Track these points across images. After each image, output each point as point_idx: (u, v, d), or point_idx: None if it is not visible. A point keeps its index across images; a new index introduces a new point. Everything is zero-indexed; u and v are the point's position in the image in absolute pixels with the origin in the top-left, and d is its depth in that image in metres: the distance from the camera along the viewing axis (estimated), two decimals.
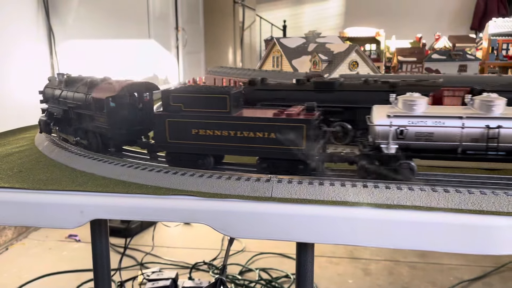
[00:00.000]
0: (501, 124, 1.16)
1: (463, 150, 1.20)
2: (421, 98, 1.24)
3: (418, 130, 1.21)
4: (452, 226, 1.10)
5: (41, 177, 1.41)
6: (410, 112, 1.23)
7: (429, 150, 1.23)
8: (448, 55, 2.51)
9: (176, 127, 1.38)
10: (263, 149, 1.32)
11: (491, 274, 3.61)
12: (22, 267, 3.79)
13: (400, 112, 1.24)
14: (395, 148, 1.23)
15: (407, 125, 1.21)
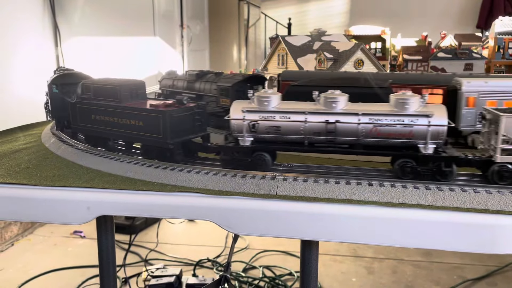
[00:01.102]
0: (339, 119, 1.27)
1: (309, 142, 1.32)
2: (275, 94, 1.36)
3: (268, 124, 1.33)
4: (457, 225, 1.10)
5: (48, 174, 1.42)
6: (262, 108, 1.34)
7: (279, 142, 1.35)
8: (454, 53, 2.50)
9: (83, 112, 1.63)
10: (139, 136, 1.49)
11: (495, 273, 3.60)
12: (28, 262, 3.81)
13: (253, 108, 1.35)
14: (250, 141, 1.35)
15: (258, 119, 1.33)
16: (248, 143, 1.35)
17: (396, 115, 1.25)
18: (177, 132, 1.43)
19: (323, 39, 2.42)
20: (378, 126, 1.25)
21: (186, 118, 1.46)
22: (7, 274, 3.64)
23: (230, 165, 1.37)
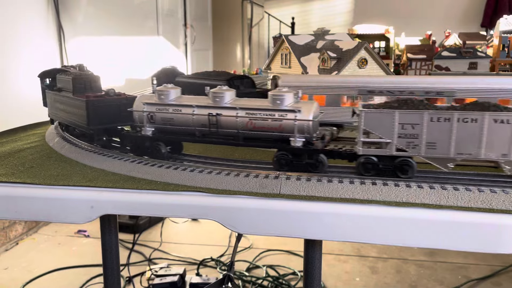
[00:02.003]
0: (221, 113, 1.38)
1: (198, 133, 1.44)
2: (173, 89, 1.48)
3: (163, 115, 1.46)
4: (461, 224, 1.10)
5: (52, 173, 1.42)
6: (160, 101, 1.46)
7: (174, 132, 1.47)
8: (458, 52, 2.48)
9: (53, 101, 1.85)
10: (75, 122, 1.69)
11: (500, 273, 3.58)
12: (32, 261, 3.83)
13: (152, 101, 1.47)
14: (150, 131, 1.48)
15: (155, 111, 1.46)
16: (149, 133, 1.48)
17: (268, 110, 1.34)
18: (98, 119, 1.60)
19: (326, 38, 2.41)
20: (253, 119, 1.36)
21: (109, 107, 1.62)
22: (11, 273, 3.66)
23: (135, 152, 1.51)
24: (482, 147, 1.17)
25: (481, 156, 1.18)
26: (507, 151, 1.16)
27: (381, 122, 1.23)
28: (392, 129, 1.22)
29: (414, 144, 1.21)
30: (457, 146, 1.19)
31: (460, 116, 1.17)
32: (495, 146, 1.17)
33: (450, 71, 2.48)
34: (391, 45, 3.01)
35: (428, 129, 1.20)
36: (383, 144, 1.24)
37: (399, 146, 1.23)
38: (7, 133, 2.07)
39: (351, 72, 2.09)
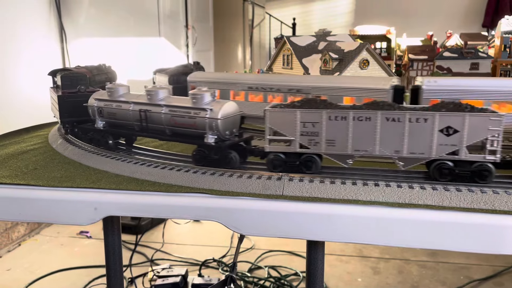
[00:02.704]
0: (150, 109, 1.50)
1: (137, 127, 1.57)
2: (122, 86, 1.63)
3: (108, 110, 1.61)
4: (464, 225, 1.10)
5: (55, 175, 1.43)
6: (108, 97, 1.62)
7: (118, 126, 1.62)
8: (460, 53, 2.48)
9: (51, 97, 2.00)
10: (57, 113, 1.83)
11: (502, 273, 3.58)
12: (34, 262, 3.84)
13: (103, 97, 1.64)
14: (102, 124, 1.66)
15: (103, 106, 1.62)
16: (100, 126, 1.65)
17: (186, 108, 1.44)
18: (68, 112, 1.77)
19: (328, 39, 2.42)
20: (174, 116, 1.47)
21: (79, 102, 1.74)
22: (14, 274, 3.67)
23: (90, 143, 1.69)
24: (376, 144, 1.23)
25: (376, 153, 1.24)
26: (400, 148, 1.21)
27: (285, 121, 1.30)
28: (294, 127, 1.29)
29: (315, 142, 1.28)
30: (354, 143, 1.25)
31: (355, 115, 1.23)
32: (388, 143, 1.23)
33: (452, 71, 2.48)
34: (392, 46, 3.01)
35: (327, 127, 1.26)
36: (291, 142, 1.31)
37: (302, 143, 1.29)
38: (10, 135, 2.08)
39: (353, 73, 2.10)
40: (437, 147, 1.19)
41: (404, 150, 1.22)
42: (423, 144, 1.20)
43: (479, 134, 1.16)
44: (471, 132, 1.16)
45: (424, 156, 1.21)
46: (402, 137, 1.21)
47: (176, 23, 5.32)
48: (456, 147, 1.18)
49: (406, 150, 1.22)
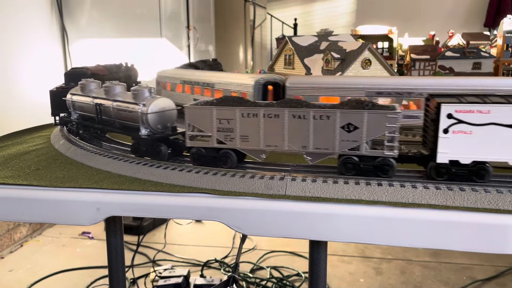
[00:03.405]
0: (103, 103, 1.65)
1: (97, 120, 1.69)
2: (93, 83, 1.78)
3: (78, 104, 1.78)
4: (467, 225, 1.10)
5: (58, 175, 1.43)
6: (80, 93, 1.77)
7: (87, 118, 1.76)
8: (462, 52, 2.48)
9: None
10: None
11: (505, 274, 3.57)
12: (37, 263, 3.84)
13: (77, 92, 1.79)
14: (76, 116, 1.83)
15: (75, 100, 1.79)
16: (74, 118, 1.82)
17: (125, 102, 1.56)
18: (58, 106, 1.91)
19: (330, 39, 2.42)
20: (119, 110, 1.58)
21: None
22: (16, 275, 3.67)
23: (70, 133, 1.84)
24: (285, 140, 1.30)
25: (285, 148, 1.31)
26: (306, 144, 1.28)
27: (203, 117, 1.37)
28: (211, 123, 1.36)
29: (231, 137, 1.35)
30: (265, 138, 1.32)
31: (265, 112, 1.30)
32: (296, 139, 1.29)
33: (454, 71, 2.48)
34: (394, 46, 3.01)
35: (241, 123, 1.33)
36: (209, 137, 1.40)
37: (219, 139, 1.36)
38: (13, 136, 2.08)
39: (355, 73, 2.10)
40: (340, 142, 1.26)
41: (310, 145, 1.28)
42: (327, 140, 1.26)
43: (377, 131, 1.22)
44: (370, 129, 1.22)
45: (329, 152, 1.28)
46: (308, 133, 1.27)
47: (178, 24, 5.33)
48: (357, 143, 1.25)
49: (312, 145, 1.28)
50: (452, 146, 1.18)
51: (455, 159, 1.19)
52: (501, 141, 1.15)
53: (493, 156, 1.17)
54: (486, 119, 1.15)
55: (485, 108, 1.14)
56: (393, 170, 1.24)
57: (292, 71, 2.40)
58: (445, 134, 1.18)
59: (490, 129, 1.15)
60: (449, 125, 1.18)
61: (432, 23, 6.59)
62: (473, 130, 1.16)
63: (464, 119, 1.16)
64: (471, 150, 1.18)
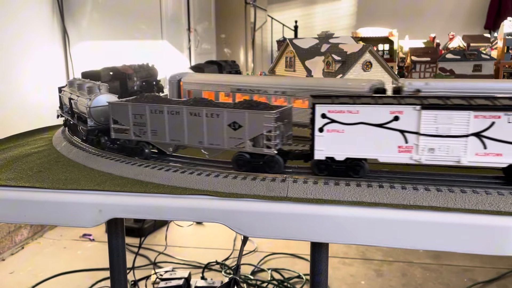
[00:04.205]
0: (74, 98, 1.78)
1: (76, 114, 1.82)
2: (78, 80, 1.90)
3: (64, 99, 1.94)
4: (469, 227, 1.10)
5: (60, 177, 1.43)
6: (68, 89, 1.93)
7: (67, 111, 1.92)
8: (462, 55, 2.48)
9: None
10: None
11: (506, 276, 3.56)
12: (38, 265, 3.84)
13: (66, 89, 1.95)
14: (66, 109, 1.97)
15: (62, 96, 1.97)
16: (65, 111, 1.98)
17: (83, 97, 1.70)
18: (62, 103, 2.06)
19: (330, 42, 2.42)
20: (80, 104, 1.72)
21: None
22: (17, 277, 3.67)
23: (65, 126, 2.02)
24: (185, 135, 1.41)
25: (186, 143, 1.43)
26: (202, 139, 1.39)
27: (123, 112, 1.51)
28: (128, 118, 1.50)
29: (144, 131, 1.49)
30: (170, 133, 1.44)
31: (168, 109, 1.43)
32: (193, 135, 1.40)
33: (455, 73, 2.48)
34: (395, 48, 3.01)
35: (150, 119, 1.46)
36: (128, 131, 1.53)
37: (135, 132, 1.51)
38: (15, 138, 2.09)
39: (356, 75, 2.10)
40: (228, 139, 1.35)
41: (205, 141, 1.39)
42: (218, 137, 1.37)
43: (258, 129, 1.31)
44: (251, 127, 1.31)
45: (221, 147, 1.38)
46: (202, 129, 1.38)
47: (179, 26, 5.34)
48: (242, 140, 1.33)
49: (206, 141, 1.39)
50: (327, 144, 1.25)
51: (331, 156, 1.27)
52: (370, 139, 1.22)
53: (364, 153, 1.24)
54: (355, 118, 1.22)
55: (355, 109, 1.21)
56: (279, 167, 1.31)
57: (293, 73, 2.41)
58: (320, 132, 1.25)
59: (359, 128, 1.22)
60: (324, 124, 1.25)
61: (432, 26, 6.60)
62: (344, 129, 1.23)
63: (336, 119, 1.24)
64: (344, 147, 1.25)
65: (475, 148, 1.16)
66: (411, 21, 6.92)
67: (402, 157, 1.21)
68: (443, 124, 1.16)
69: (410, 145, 1.19)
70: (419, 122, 1.17)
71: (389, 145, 1.21)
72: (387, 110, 1.19)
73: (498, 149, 1.15)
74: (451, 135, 1.16)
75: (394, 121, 1.19)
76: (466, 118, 1.15)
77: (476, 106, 1.14)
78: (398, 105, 1.19)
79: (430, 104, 1.17)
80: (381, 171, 1.33)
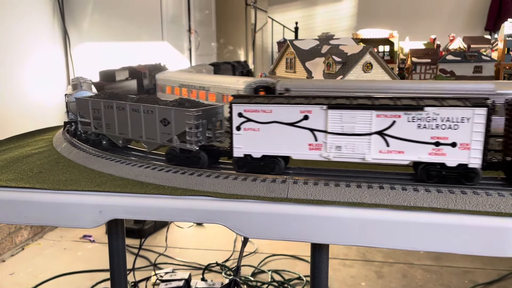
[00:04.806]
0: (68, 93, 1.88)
1: None
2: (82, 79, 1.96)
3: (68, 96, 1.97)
4: (469, 228, 1.10)
5: (60, 178, 1.43)
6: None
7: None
8: (463, 56, 2.48)
9: None
10: None
11: (507, 277, 3.56)
12: (38, 266, 3.84)
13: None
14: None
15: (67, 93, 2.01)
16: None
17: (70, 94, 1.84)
18: None
19: (331, 43, 2.42)
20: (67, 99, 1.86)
21: None
22: (17, 278, 3.67)
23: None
24: (129, 129, 1.55)
25: (130, 136, 1.56)
26: (141, 134, 1.51)
27: (85, 107, 1.67)
28: (89, 112, 1.66)
29: (100, 124, 1.63)
30: (118, 127, 1.58)
31: (116, 105, 1.55)
32: (135, 129, 1.52)
33: (455, 75, 2.48)
34: (395, 49, 3.01)
35: (104, 113, 1.60)
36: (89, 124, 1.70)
37: (94, 125, 1.66)
38: (15, 139, 2.09)
39: (356, 76, 2.10)
40: (160, 134, 1.45)
41: (144, 135, 1.50)
42: (153, 132, 1.47)
43: (182, 126, 1.39)
44: (177, 124, 1.40)
45: (155, 142, 1.48)
46: (141, 125, 1.50)
47: (179, 28, 5.34)
48: (170, 136, 1.43)
49: (144, 135, 1.50)
50: (244, 141, 1.32)
51: (248, 153, 1.32)
52: (283, 137, 1.28)
53: (278, 150, 1.31)
54: (269, 117, 1.28)
55: (268, 108, 1.28)
56: (203, 162, 1.39)
57: (293, 74, 2.41)
58: (238, 131, 1.31)
59: (273, 127, 1.28)
60: (241, 123, 1.31)
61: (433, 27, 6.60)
62: (260, 128, 1.29)
63: (252, 118, 1.30)
64: (260, 145, 1.31)
65: (378, 145, 1.21)
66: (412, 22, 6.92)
67: (313, 155, 1.27)
68: (347, 123, 1.22)
69: (319, 143, 1.26)
70: (326, 121, 1.24)
71: (300, 143, 1.27)
72: (298, 110, 1.26)
73: (400, 146, 1.20)
74: (355, 133, 1.22)
75: (304, 120, 1.26)
76: (368, 117, 1.20)
77: (378, 106, 1.20)
78: (307, 105, 1.25)
79: (335, 104, 1.23)
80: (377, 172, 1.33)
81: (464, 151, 1.16)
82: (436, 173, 1.20)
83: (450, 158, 1.18)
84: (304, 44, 2.41)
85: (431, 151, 1.18)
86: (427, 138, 1.18)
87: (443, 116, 1.15)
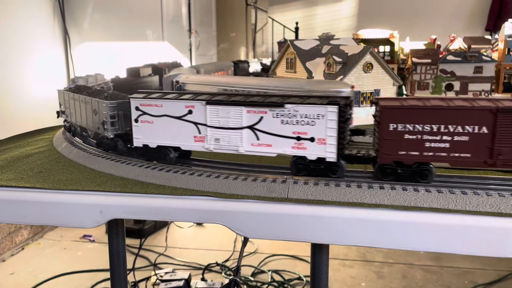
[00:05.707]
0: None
1: None
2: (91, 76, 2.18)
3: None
4: (469, 228, 1.10)
5: (61, 178, 1.43)
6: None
7: None
8: (463, 56, 2.48)
9: None
10: None
11: (507, 278, 3.56)
12: (38, 266, 3.84)
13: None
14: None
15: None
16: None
17: None
18: None
19: (331, 43, 2.42)
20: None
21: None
22: (17, 278, 3.67)
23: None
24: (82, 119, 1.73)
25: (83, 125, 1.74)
26: (86, 122, 1.69)
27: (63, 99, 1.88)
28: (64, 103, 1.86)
29: (72, 115, 1.80)
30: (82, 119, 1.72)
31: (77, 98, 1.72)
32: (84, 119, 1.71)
33: (456, 75, 2.48)
34: (395, 50, 3.01)
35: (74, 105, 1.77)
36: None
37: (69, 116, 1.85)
38: (16, 138, 2.09)
39: (357, 76, 2.10)
40: (93, 123, 1.63)
41: (88, 124, 1.68)
42: (91, 121, 1.64)
43: (102, 116, 1.56)
44: (100, 114, 1.57)
45: (92, 129, 1.65)
46: (86, 114, 1.68)
47: (180, 28, 5.35)
48: (98, 124, 1.60)
49: (87, 124, 1.69)
50: (142, 133, 1.43)
51: (146, 144, 1.45)
52: (173, 129, 1.39)
53: (169, 141, 1.42)
54: (161, 111, 1.40)
55: (159, 103, 1.40)
56: (115, 148, 1.56)
57: (294, 74, 2.41)
58: (136, 123, 1.43)
59: (164, 120, 1.40)
60: (138, 116, 1.42)
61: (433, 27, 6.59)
62: (153, 120, 1.41)
63: (146, 111, 1.41)
64: (155, 136, 1.43)
65: (250, 139, 1.32)
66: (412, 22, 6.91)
67: (198, 146, 1.39)
68: (223, 117, 1.34)
69: (202, 135, 1.37)
70: (205, 116, 1.35)
71: (187, 135, 1.39)
72: (183, 105, 1.37)
73: (268, 140, 1.31)
74: (230, 127, 1.33)
75: (189, 114, 1.37)
76: (240, 113, 1.31)
77: (247, 102, 1.31)
78: (191, 100, 1.37)
79: (212, 100, 1.34)
80: None
81: (321, 145, 1.26)
82: (303, 166, 1.29)
83: (310, 152, 1.28)
84: (304, 44, 2.41)
85: (294, 145, 1.29)
86: (290, 133, 1.28)
87: (302, 113, 1.25)
